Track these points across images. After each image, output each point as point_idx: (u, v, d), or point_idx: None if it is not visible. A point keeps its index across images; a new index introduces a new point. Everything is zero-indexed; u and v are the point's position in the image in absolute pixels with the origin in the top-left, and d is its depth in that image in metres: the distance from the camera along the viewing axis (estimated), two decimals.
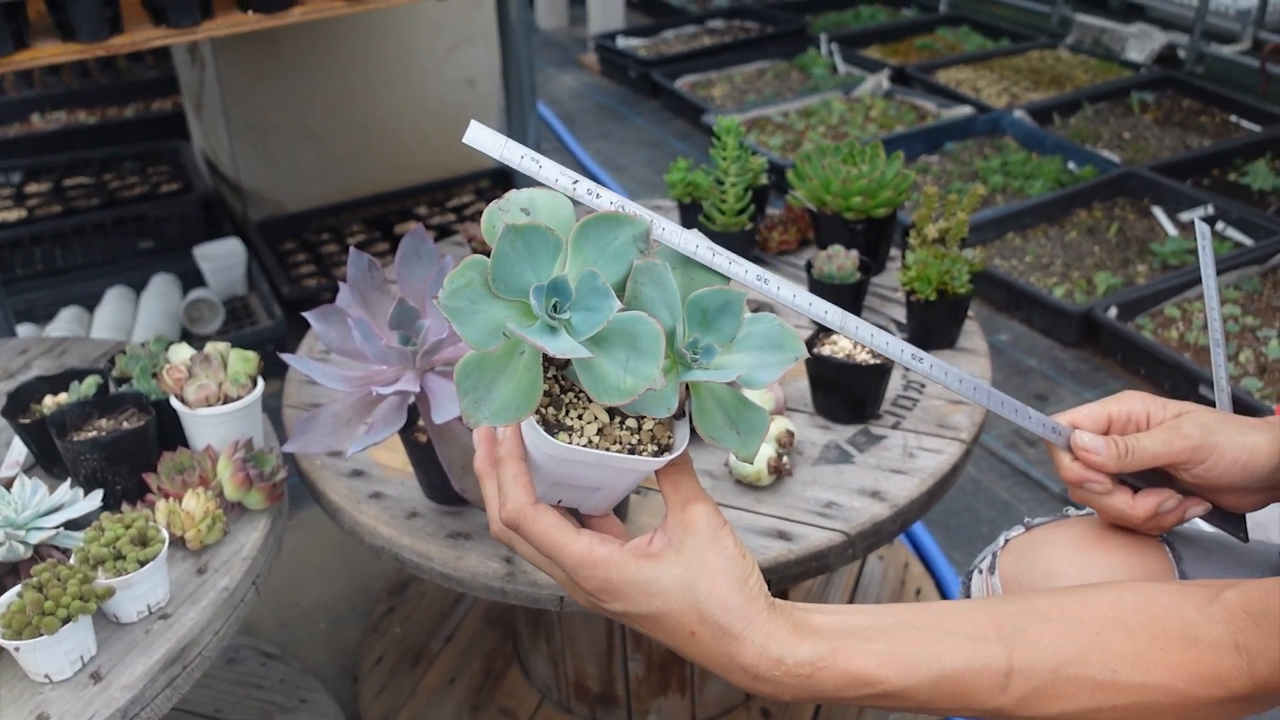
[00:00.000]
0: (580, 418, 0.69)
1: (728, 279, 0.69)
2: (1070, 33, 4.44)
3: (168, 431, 1.22)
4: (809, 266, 1.44)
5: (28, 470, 1.27)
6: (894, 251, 1.62)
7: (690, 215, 1.64)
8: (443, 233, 2.92)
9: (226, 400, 1.19)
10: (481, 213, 2.50)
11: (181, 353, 1.23)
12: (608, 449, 0.67)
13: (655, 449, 0.69)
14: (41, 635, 0.93)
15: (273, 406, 1.41)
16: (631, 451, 0.67)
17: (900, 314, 1.48)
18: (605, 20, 4.78)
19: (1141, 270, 2.79)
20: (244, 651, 1.74)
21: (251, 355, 1.22)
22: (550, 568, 0.73)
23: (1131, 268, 2.80)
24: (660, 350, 0.61)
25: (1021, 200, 3.10)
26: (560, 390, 0.70)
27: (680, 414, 0.71)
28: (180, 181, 3.02)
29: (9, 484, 1.10)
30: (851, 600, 1.71)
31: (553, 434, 0.67)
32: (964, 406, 1.30)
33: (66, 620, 0.94)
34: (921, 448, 1.24)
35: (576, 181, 0.72)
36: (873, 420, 1.29)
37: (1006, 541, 0.97)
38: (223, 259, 2.73)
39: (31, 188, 3.00)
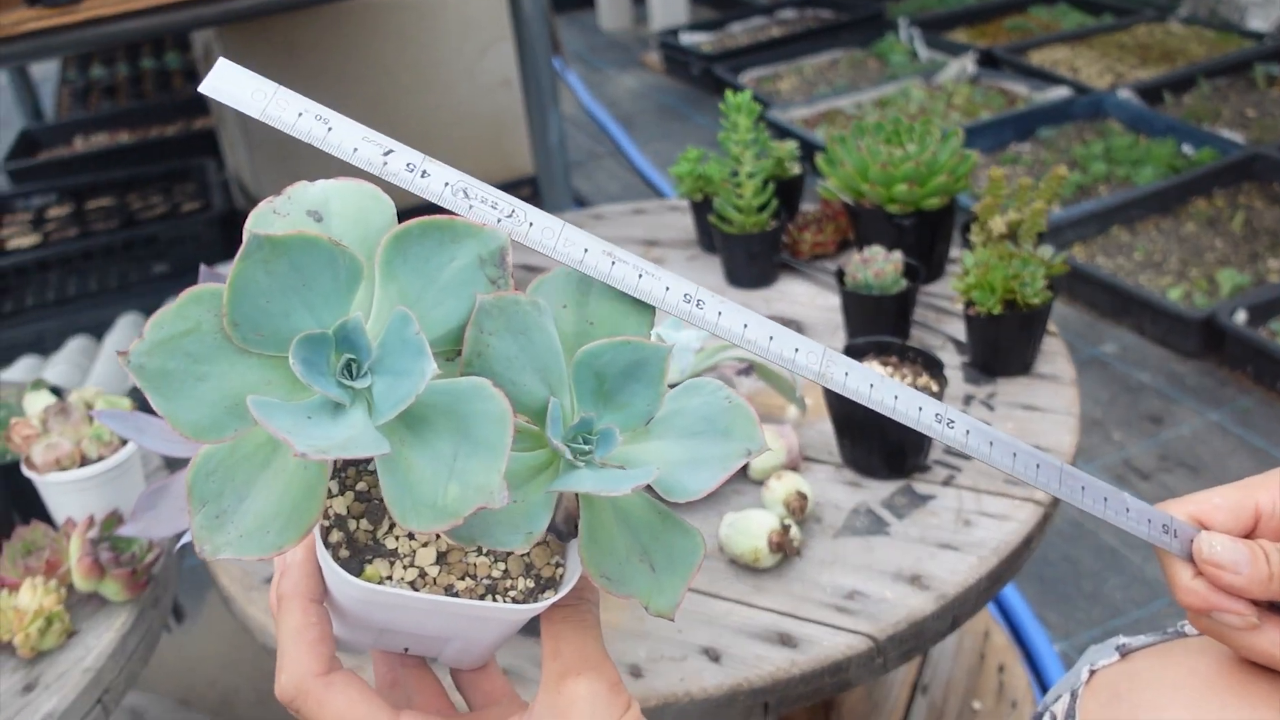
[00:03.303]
0: (411, 536, 0.45)
1: (648, 323, 0.46)
2: (1182, 4, 4.00)
3: (29, 501, 0.99)
4: (840, 275, 1.14)
5: None
6: (956, 251, 1.31)
7: (704, 217, 1.36)
8: None
9: (85, 462, 0.95)
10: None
11: (37, 402, 1.00)
12: (451, 585, 0.44)
13: (531, 585, 0.46)
14: None
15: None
16: (491, 591, 0.44)
17: (962, 330, 1.17)
18: (668, 16, 4.51)
19: (1274, 266, 2.39)
20: None
21: (124, 403, 0.98)
22: None
23: (1261, 264, 2.41)
24: (505, 442, 0.40)
25: (1128, 190, 2.72)
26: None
27: (574, 531, 0.47)
28: (204, 201, 2.85)
29: None
30: (916, 684, 1.40)
31: (363, 562, 0.44)
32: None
33: None
34: (982, 512, 0.93)
35: (390, 152, 0.46)
36: (917, 474, 0.98)
37: (1092, 673, 0.66)
38: None
39: (53, 212, 2.87)
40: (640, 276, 0.46)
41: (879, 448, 0.96)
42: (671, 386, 0.47)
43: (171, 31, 3.00)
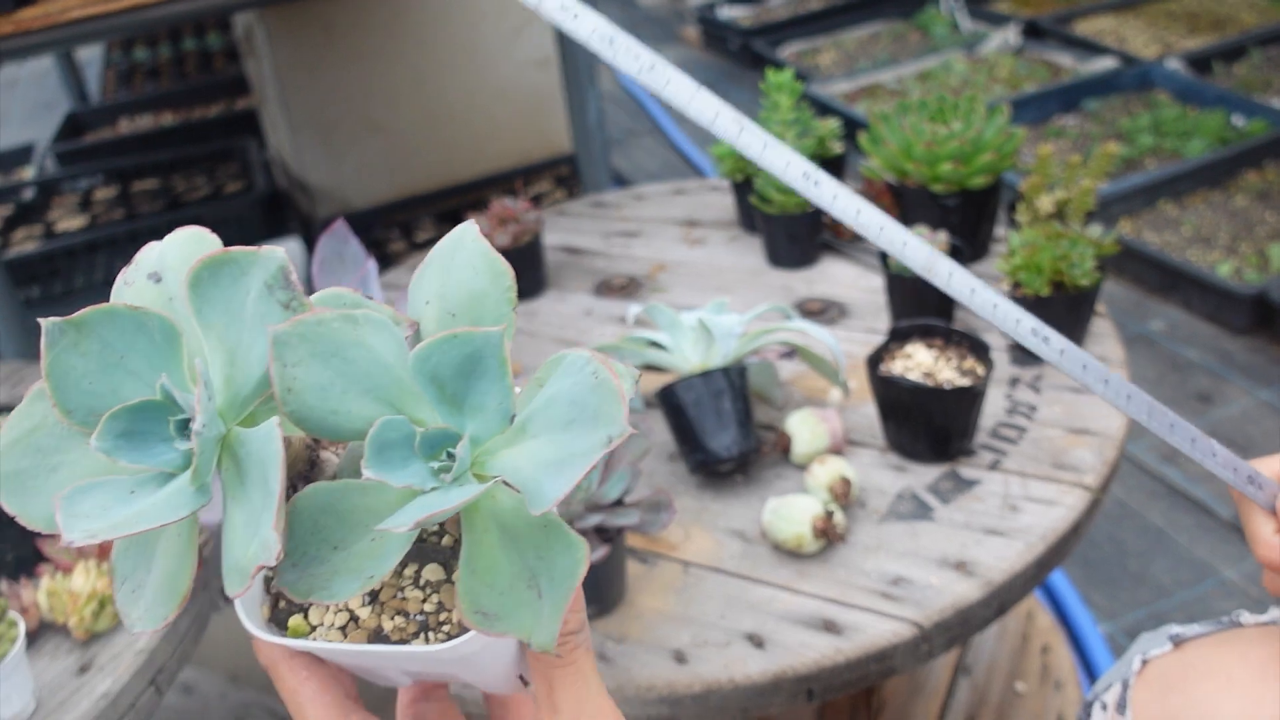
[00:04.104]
0: None
1: (508, 300, 0.41)
2: None
3: None
4: (884, 256, 1.13)
5: None
6: (1001, 230, 1.29)
7: (745, 197, 1.35)
8: None
9: None
10: (559, 202, 2.16)
11: None
12: (380, 627, 0.41)
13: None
14: None
15: None
16: (423, 629, 0.41)
17: None
18: None
19: None
20: (254, 711, 1.54)
21: None
22: None
23: None
24: (272, 490, 0.36)
25: (1176, 163, 2.67)
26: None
27: None
28: (246, 182, 2.87)
29: None
30: (958, 667, 1.39)
31: (294, 611, 0.43)
32: (1090, 440, 0.97)
33: None
34: (1029, 497, 0.92)
35: (652, 68, 0.50)
36: (962, 458, 0.97)
37: (1145, 663, 0.65)
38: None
39: (99, 194, 2.90)
40: (765, 147, 0.49)
41: (924, 431, 0.95)
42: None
43: (215, 15, 3.01)
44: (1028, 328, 0.48)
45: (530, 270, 1.30)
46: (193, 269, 0.38)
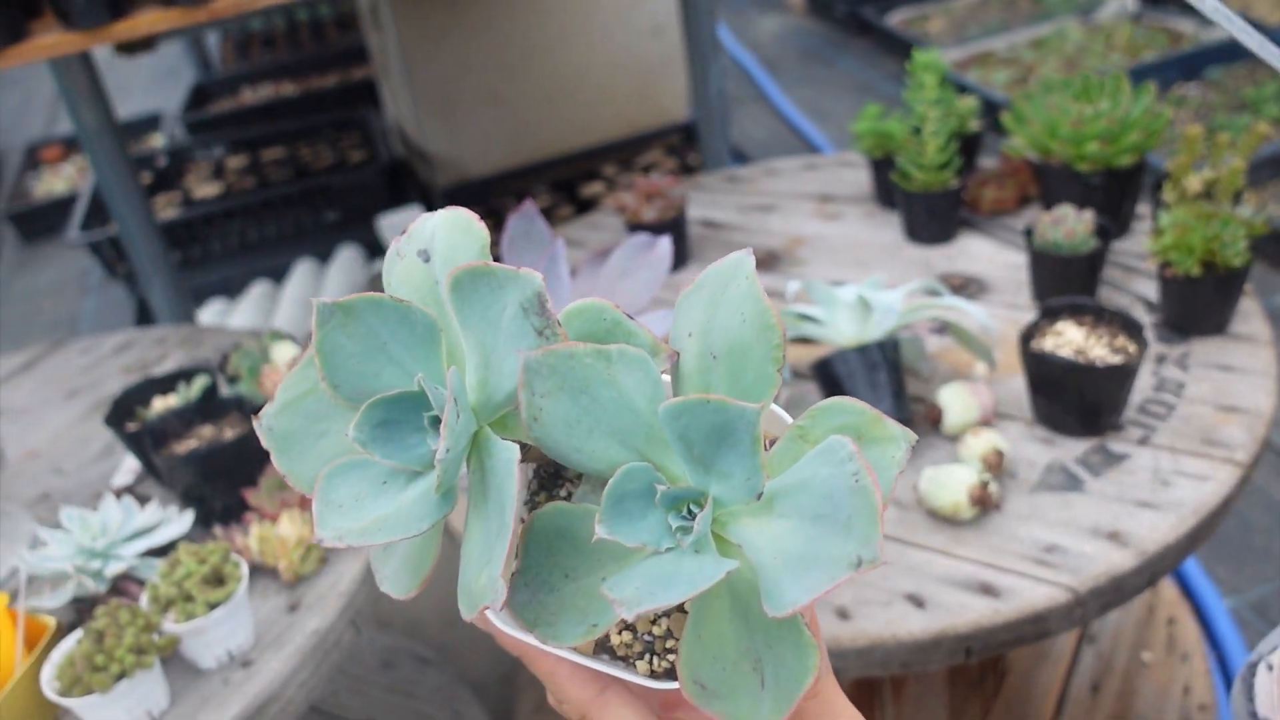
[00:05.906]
0: None
1: (774, 358, 0.39)
2: None
3: None
4: (1028, 233, 1.15)
5: (141, 482, 1.18)
6: (1141, 209, 1.30)
7: (883, 173, 1.38)
8: None
9: None
10: (670, 171, 2.20)
11: (284, 351, 1.10)
12: (607, 637, 0.41)
13: None
14: (94, 693, 0.81)
15: None
16: (648, 650, 0.41)
17: (1150, 289, 1.17)
18: None
19: None
20: (400, 655, 1.64)
21: None
22: None
23: None
24: (504, 537, 0.36)
25: None
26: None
27: None
28: (368, 150, 2.98)
29: (124, 494, 1.00)
30: (1083, 635, 1.42)
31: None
32: (1240, 416, 0.99)
33: (120, 676, 0.82)
34: (1179, 472, 0.95)
35: None
36: (1112, 433, 1.00)
37: None
38: (404, 228, 2.66)
39: (231, 162, 3.03)
40: None
41: (1076, 407, 0.99)
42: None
43: None
44: None
45: (676, 243, 1.36)
46: (453, 274, 0.38)
